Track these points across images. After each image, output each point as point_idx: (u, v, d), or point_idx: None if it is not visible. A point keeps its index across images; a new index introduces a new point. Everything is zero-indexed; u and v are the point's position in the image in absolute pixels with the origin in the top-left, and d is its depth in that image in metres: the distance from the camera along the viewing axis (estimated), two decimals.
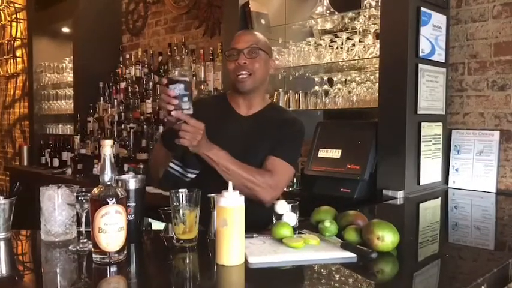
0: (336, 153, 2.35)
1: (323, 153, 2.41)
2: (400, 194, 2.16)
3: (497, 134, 2.36)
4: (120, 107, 4.01)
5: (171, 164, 1.73)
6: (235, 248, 1.17)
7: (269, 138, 1.79)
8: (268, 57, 1.84)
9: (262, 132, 1.81)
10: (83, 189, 1.33)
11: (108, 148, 1.20)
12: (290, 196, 2.19)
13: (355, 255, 1.22)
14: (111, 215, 1.16)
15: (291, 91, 2.84)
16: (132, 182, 1.38)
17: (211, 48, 3.46)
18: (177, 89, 1.48)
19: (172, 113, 1.48)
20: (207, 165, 1.65)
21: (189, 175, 1.73)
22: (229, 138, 1.78)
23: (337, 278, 1.14)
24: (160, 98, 1.53)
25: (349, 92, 2.60)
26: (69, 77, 4.64)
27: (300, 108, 2.81)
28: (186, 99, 1.49)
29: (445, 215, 2.08)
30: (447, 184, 2.46)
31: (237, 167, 1.64)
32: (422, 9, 2.21)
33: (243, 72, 1.75)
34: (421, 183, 2.27)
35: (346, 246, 1.27)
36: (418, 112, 2.23)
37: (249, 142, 1.79)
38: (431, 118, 2.34)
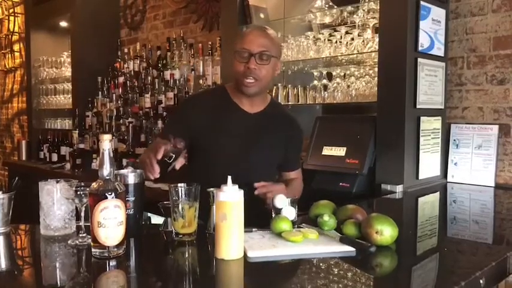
0: (341, 151, 2.34)
1: (327, 150, 2.40)
2: (399, 188, 2.16)
3: (496, 128, 2.36)
4: (119, 102, 4.00)
5: None
6: (235, 242, 1.17)
7: (270, 136, 1.85)
8: (277, 61, 1.81)
9: (266, 131, 1.85)
10: (82, 184, 1.33)
11: (106, 143, 1.20)
12: None
13: (354, 249, 1.22)
14: (110, 209, 1.16)
15: (289, 85, 2.83)
16: (131, 177, 1.38)
17: (210, 43, 3.45)
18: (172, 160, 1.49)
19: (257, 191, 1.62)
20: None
21: None
22: (232, 133, 1.80)
23: (335, 272, 1.14)
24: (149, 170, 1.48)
25: (348, 86, 2.60)
26: (67, 71, 4.62)
27: (299, 103, 2.80)
28: (174, 162, 1.51)
29: (444, 209, 2.09)
30: (446, 178, 2.46)
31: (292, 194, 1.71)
32: (422, 3, 2.20)
33: (250, 77, 1.73)
34: (420, 178, 2.28)
35: (345, 240, 1.27)
36: (417, 106, 2.23)
37: (252, 139, 1.82)
38: (430, 112, 2.34)
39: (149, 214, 2.12)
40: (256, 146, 1.82)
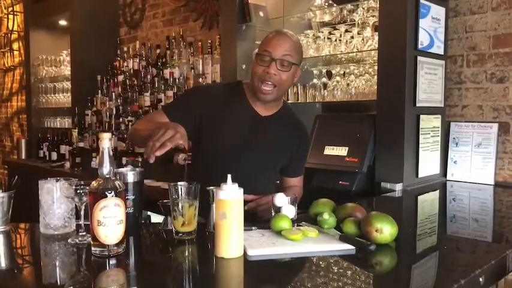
0: (342, 151, 2.34)
1: (328, 150, 2.40)
2: (399, 187, 2.16)
3: (495, 126, 2.36)
4: (118, 100, 4.00)
5: None
6: (234, 240, 1.17)
7: (276, 139, 1.84)
8: (297, 68, 1.77)
9: (272, 134, 1.83)
10: (82, 183, 1.33)
11: (106, 141, 1.19)
12: None
13: (354, 248, 1.22)
14: (110, 208, 1.16)
15: None
16: (131, 175, 1.37)
17: (210, 41, 3.45)
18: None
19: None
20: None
21: None
22: (237, 132, 1.78)
23: (335, 270, 1.14)
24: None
25: (348, 84, 2.60)
26: (66, 70, 4.62)
27: (299, 101, 2.80)
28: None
29: (443, 207, 2.09)
30: (445, 176, 2.47)
31: None
32: (421, 1, 2.20)
33: (269, 83, 1.69)
34: (420, 176, 2.28)
35: (344, 238, 1.27)
36: (417, 105, 2.23)
37: (257, 140, 1.80)
38: (430, 111, 2.34)
39: (149, 213, 2.12)
40: (261, 147, 1.80)
